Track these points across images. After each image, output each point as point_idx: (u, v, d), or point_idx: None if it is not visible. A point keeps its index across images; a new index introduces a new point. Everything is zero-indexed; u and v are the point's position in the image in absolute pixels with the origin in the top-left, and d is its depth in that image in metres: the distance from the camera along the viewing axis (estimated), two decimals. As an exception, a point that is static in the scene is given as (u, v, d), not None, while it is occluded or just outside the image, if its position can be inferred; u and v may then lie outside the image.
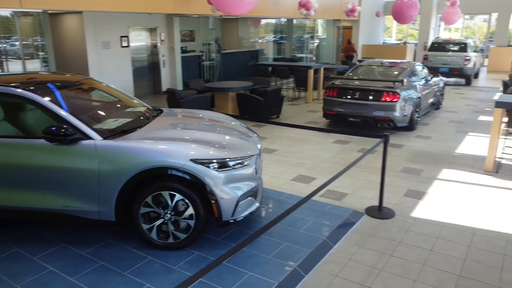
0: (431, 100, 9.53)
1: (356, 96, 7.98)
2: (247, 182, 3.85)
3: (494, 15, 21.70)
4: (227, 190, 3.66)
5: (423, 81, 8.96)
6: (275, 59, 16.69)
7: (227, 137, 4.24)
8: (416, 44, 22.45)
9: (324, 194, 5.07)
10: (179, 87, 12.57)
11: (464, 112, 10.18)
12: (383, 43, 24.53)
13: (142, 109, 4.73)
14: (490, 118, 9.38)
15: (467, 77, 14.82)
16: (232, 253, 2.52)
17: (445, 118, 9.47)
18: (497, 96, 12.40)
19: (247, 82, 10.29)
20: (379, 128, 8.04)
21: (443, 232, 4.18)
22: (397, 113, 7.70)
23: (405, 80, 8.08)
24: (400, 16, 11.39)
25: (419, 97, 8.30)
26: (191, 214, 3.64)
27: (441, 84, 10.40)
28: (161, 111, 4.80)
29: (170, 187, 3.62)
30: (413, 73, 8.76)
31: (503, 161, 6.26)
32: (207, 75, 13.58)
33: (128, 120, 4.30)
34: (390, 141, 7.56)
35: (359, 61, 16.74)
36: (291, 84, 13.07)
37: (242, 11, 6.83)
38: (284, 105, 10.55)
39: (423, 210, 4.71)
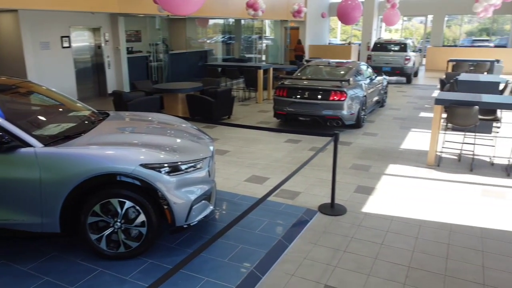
0: (376, 98, 9.91)
1: (305, 96, 8.12)
2: (200, 185, 3.77)
3: (430, 17, 23.03)
4: (180, 195, 3.57)
5: (368, 80, 9.30)
6: (224, 60, 16.64)
7: (178, 140, 4.14)
8: (359, 45, 23.30)
9: (278, 194, 5.10)
10: (126, 89, 12.17)
11: (406, 109, 10.69)
12: (329, 43, 25.25)
13: (87, 113, 4.50)
14: (430, 115, 9.92)
15: (407, 76, 15.60)
16: (188, 260, 2.45)
17: (389, 115, 9.89)
18: (436, 93, 13.16)
19: (197, 83, 10.16)
20: (328, 126, 8.23)
21: (393, 226, 4.34)
22: (345, 112, 7.93)
23: (351, 80, 8.34)
24: (344, 17, 11.75)
25: (365, 96, 8.60)
26: (143, 221, 3.51)
27: (385, 83, 10.86)
28: (107, 115, 4.59)
29: (120, 194, 3.46)
30: (358, 73, 9.07)
31: (443, 155, 6.62)
32: (155, 76, 13.26)
33: (71, 125, 4.07)
34: (339, 139, 7.78)
35: (307, 61, 17.09)
36: (241, 84, 13.08)
37: (188, 11, 6.70)
38: (235, 106, 10.51)
39: (373, 205, 4.86)
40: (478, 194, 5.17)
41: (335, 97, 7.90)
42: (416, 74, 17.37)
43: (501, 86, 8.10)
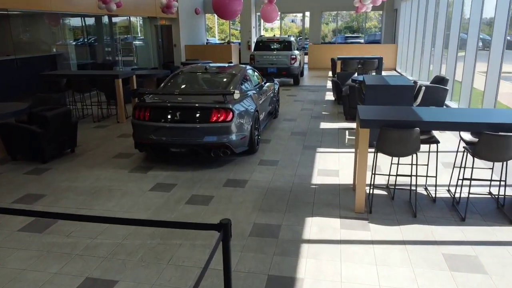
0: (268, 109, 7.99)
1: (176, 118, 5.73)
2: None
3: (307, 14, 22.40)
4: None
5: (257, 89, 7.31)
6: (80, 66, 13.26)
7: None
8: (239, 44, 21.65)
9: (126, 330, 2.69)
10: None
11: (303, 119, 9.00)
12: (207, 43, 23.12)
13: None
14: (332, 125, 8.36)
15: (294, 77, 14.20)
16: None
17: (286, 130, 8.04)
18: (328, 95, 11.86)
19: (20, 103, 7.02)
20: (212, 157, 6.00)
21: None
22: (233, 136, 5.76)
23: (237, 91, 6.22)
24: (222, 10, 9.63)
25: (256, 110, 6.56)
26: None
27: (276, 88, 9.03)
28: None
29: None
30: (245, 80, 7.00)
31: (373, 191, 4.86)
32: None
33: None
34: (229, 177, 5.61)
35: (183, 64, 14.68)
36: (100, 97, 10.04)
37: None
38: (87, 129, 7.76)
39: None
40: (442, 265, 3.42)
41: (218, 117, 5.69)
42: (302, 74, 16.20)
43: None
